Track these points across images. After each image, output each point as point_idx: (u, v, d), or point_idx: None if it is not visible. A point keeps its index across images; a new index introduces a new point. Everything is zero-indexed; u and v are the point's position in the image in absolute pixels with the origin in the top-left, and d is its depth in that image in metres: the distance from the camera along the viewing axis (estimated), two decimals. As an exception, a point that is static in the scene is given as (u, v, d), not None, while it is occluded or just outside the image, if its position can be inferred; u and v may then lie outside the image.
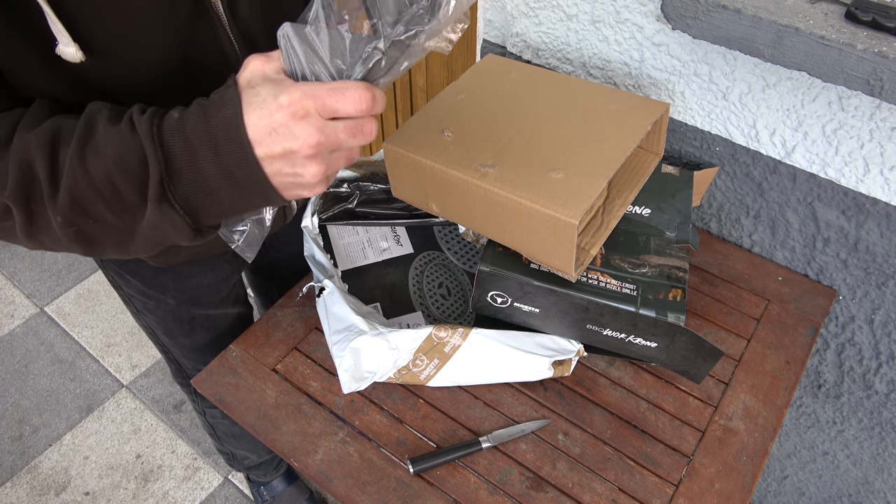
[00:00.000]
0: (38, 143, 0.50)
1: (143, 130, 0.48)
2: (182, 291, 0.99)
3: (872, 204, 0.91)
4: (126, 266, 0.93)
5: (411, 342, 0.82)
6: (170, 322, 1.04)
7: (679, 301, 0.81)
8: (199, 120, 0.48)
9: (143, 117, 0.49)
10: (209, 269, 0.99)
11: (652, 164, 0.94)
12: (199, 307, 1.03)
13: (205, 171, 0.49)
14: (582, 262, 0.82)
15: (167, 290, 0.98)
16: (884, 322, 1.01)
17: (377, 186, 1.05)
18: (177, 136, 0.48)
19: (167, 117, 0.49)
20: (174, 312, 1.02)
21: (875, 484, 1.22)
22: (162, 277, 0.95)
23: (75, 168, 0.49)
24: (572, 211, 0.73)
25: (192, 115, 0.48)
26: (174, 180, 0.49)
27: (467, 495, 0.79)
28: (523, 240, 0.81)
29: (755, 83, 0.90)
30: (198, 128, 0.48)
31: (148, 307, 1.02)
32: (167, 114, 0.50)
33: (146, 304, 1.01)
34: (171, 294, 0.98)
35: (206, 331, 1.08)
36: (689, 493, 0.79)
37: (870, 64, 0.75)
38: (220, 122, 0.47)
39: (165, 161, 0.48)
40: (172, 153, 0.48)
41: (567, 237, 0.75)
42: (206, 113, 0.48)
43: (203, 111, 0.48)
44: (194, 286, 0.99)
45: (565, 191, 0.75)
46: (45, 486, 1.65)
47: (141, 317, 1.06)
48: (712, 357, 0.80)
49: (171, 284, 0.97)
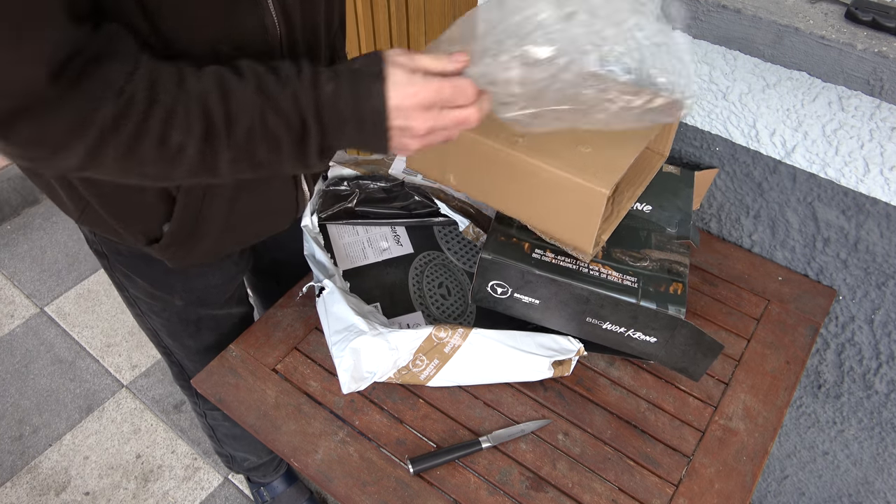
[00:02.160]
0: (208, 88, 0.57)
1: (306, 101, 0.58)
2: (190, 292, 0.99)
3: (872, 204, 0.91)
4: (135, 268, 0.93)
5: (411, 342, 0.82)
6: (175, 324, 1.04)
7: (679, 294, 0.81)
8: (349, 99, 0.59)
9: (303, 86, 0.58)
10: (217, 270, 0.99)
11: (658, 164, 0.94)
12: (206, 308, 1.03)
13: (348, 135, 0.61)
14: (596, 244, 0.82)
15: (175, 291, 0.98)
16: (884, 322, 1.01)
17: (377, 185, 1.05)
18: (331, 112, 0.59)
19: (323, 91, 0.58)
20: (181, 314, 1.02)
21: (875, 484, 1.22)
22: (171, 278, 0.95)
23: (256, 111, 0.58)
24: (603, 181, 0.74)
25: (346, 93, 0.59)
26: (325, 143, 0.61)
27: (467, 495, 0.79)
28: (546, 213, 0.81)
29: (755, 83, 0.90)
30: (350, 108, 0.59)
31: (154, 309, 1.01)
32: (321, 85, 0.59)
33: (152, 306, 1.01)
34: (178, 295, 0.98)
35: (211, 331, 1.07)
36: (689, 493, 0.79)
37: (870, 64, 0.75)
38: (369, 108, 0.59)
39: (322, 132, 0.60)
40: (326, 127, 0.60)
41: (595, 208, 0.75)
42: (357, 93, 0.59)
43: (354, 92, 0.59)
44: (202, 287, 0.99)
45: (595, 162, 0.76)
46: (45, 486, 1.65)
47: (145, 319, 1.05)
48: (712, 352, 0.80)
49: (180, 285, 0.97)
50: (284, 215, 0.92)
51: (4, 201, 2.24)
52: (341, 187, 1.04)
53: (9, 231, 2.23)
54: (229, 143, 0.58)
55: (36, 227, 2.24)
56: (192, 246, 0.83)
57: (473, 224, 1.03)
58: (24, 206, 2.30)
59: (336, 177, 1.03)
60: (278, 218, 0.91)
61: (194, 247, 0.84)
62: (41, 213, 2.28)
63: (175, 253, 0.83)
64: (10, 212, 2.26)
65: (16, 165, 2.36)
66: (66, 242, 2.19)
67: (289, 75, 0.59)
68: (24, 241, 2.20)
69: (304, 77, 0.59)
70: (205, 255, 0.88)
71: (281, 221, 0.92)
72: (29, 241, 2.20)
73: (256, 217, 0.87)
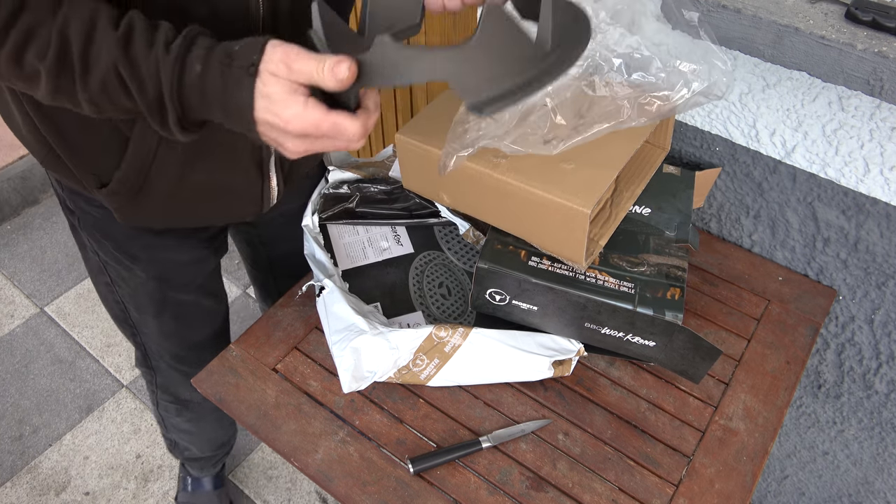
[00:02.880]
0: (77, 26, 0.54)
1: (166, 79, 0.55)
2: (152, 263, 0.97)
3: (872, 204, 0.91)
4: (101, 227, 0.92)
5: (411, 342, 0.82)
6: (142, 297, 1.02)
7: (677, 300, 0.81)
8: (217, 89, 0.55)
9: (167, 59, 0.54)
10: (182, 246, 0.97)
11: (659, 159, 0.94)
12: (171, 288, 1.01)
13: (216, 117, 0.57)
14: (591, 252, 0.83)
15: (138, 260, 0.96)
16: (884, 322, 1.01)
17: (377, 188, 1.05)
18: (195, 90, 0.55)
19: (189, 69, 0.55)
20: (145, 286, 1.00)
21: (875, 484, 1.22)
22: (134, 245, 0.94)
23: (108, 66, 0.55)
24: (584, 200, 0.74)
25: (213, 78, 0.55)
26: (186, 120, 0.58)
27: (467, 495, 0.79)
28: (535, 230, 0.81)
29: (755, 83, 0.90)
30: (216, 91, 0.55)
31: (122, 276, 0.99)
32: (188, 63, 0.55)
33: (119, 272, 0.99)
34: (140, 265, 0.96)
35: (174, 318, 1.06)
36: (689, 493, 0.79)
37: (870, 64, 0.75)
38: (236, 100, 0.54)
39: (181, 107, 0.56)
40: (188, 104, 0.56)
41: (579, 226, 0.75)
42: (225, 84, 0.54)
43: (223, 80, 0.54)
44: (166, 260, 0.98)
45: (577, 181, 0.76)
46: (45, 486, 1.65)
47: (114, 289, 1.03)
48: (710, 356, 0.80)
49: (143, 254, 0.95)
50: (247, 202, 0.89)
51: (4, 201, 2.24)
52: (341, 190, 1.04)
53: (9, 231, 2.23)
54: (84, 85, 0.57)
55: (36, 227, 2.24)
56: (140, 201, 0.82)
57: (473, 227, 1.03)
58: (24, 206, 2.30)
59: (337, 180, 1.03)
60: (238, 203, 0.89)
61: (142, 203, 0.82)
62: (41, 213, 2.29)
63: (121, 203, 0.82)
64: (10, 212, 2.26)
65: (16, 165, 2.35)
66: (66, 242, 2.19)
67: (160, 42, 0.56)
68: (24, 241, 2.20)
69: (172, 49, 0.55)
70: (152, 217, 0.87)
71: (241, 208, 0.90)
72: (29, 241, 2.20)
73: (211, 193, 0.85)
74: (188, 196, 0.83)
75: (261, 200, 0.89)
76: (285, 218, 1.04)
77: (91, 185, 0.81)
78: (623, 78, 0.76)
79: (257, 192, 0.87)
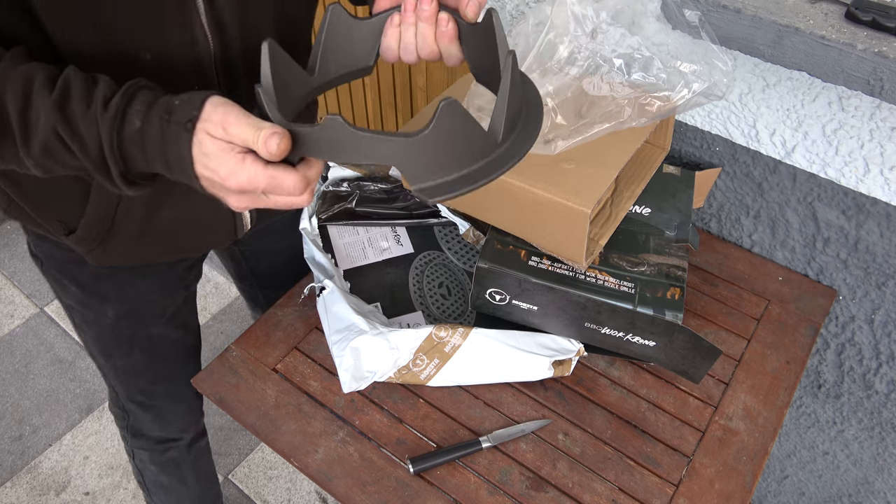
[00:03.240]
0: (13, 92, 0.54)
1: (105, 137, 0.54)
2: (124, 301, 0.93)
3: (872, 204, 0.91)
4: (67, 272, 0.89)
5: (411, 342, 0.82)
6: (107, 339, 0.98)
7: (677, 299, 0.81)
8: (157, 143, 0.54)
9: (105, 116, 0.54)
10: (154, 278, 0.94)
11: (659, 159, 0.94)
12: (141, 323, 0.97)
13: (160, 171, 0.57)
14: (591, 252, 0.83)
15: (108, 301, 0.93)
16: (884, 322, 1.01)
17: (377, 186, 1.05)
18: (136, 146, 0.54)
19: (128, 124, 0.54)
20: (113, 328, 0.96)
21: (875, 484, 1.22)
22: (102, 286, 0.91)
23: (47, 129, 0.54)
24: (584, 200, 0.74)
25: (153, 133, 0.54)
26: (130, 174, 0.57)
27: (467, 495, 0.79)
28: (535, 229, 0.81)
29: (755, 83, 0.90)
30: (155, 146, 0.54)
31: (87, 320, 0.96)
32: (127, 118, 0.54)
33: (85, 315, 0.96)
34: (110, 305, 0.93)
35: (143, 353, 1.01)
36: (689, 493, 0.79)
37: (870, 64, 0.75)
38: (175, 155, 0.54)
39: (124, 162, 0.56)
40: (130, 158, 0.55)
41: (579, 226, 0.75)
42: (164, 138, 0.53)
43: (162, 135, 0.53)
44: (136, 296, 0.94)
45: (577, 180, 0.76)
46: (45, 486, 1.65)
47: (80, 332, 1.00)
48: (710, 356, 0.80)
49: (113, 294, 0.92)
50: (219, 233, 0.87)
51: (4, 201, 2.24)
52: (341, 188, 1.04)
53: (9, 231, 2.23)
54: (27, 151, 0.56)
55: (36, 228, 2.24)
56: (110, 244, 0.80)
57: (473, 227, 1.03)
58: (24, 207, 2.30)
59: (336, 178, 1.03)
60: (211, 234, 0.87)
61: (111, 245, 0.81)
62: (41, 214, 2.28)
63: (91, 248, 0.80)
64: (10, 212, 2.26)
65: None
66: (66, 242, 2.19)
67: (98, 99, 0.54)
68: (24, 241, 2.20)
69: (111, 106, 0.54)
70: (125, 257, 0.84)
71: (215, 238, 0.89)
72: (29, 242, 2.20)
73: (182, 228, 0.84)
74: (159, 233, 0.82)
75: (234, 229, 0.88)
76: (267, 232, 1.01)
77: (58, 231, 0.79)
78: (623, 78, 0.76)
79: (228, 222, 0.86)
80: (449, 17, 0.58)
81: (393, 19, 0.61)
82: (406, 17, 0.60)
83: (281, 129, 0.50)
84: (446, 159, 0.51)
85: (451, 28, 0.59)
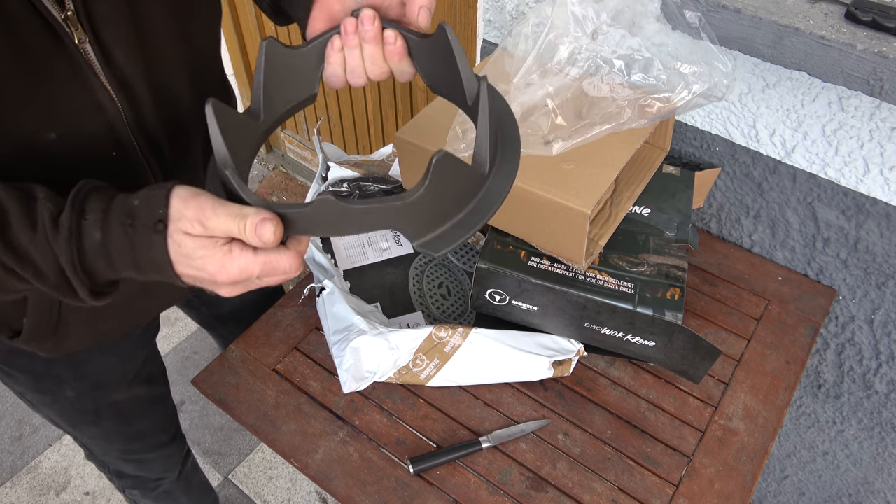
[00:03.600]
0: None
1: (65, 259, 0.48)
2: (81, 379, 0.87)
3: (872, 204, 0.91)
4: (14, 363, 0.82)
5: (411, 342, 0.82)
6: (71, 414, 0.92)
7: (677, 300, 0.81)
8: (126, 251, 0.49)
9: (59, 237, 0.48)
10: (112, 352, 0.89)
11: (658, 159, 0.94)
12: (103, 393, 0.92)
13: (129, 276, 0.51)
14: (591, 252, 0.83)
15: (64, 382, 0.86)
16: (884, 322, 1.01)
17: (377, 186, 1.05)
18: (101, 258, 0.49)
19: (87, 238, 0.48)
20: (74, 404, 0.90)
21: (875, 484, 1.22)
22: (56, 368, 0.84)
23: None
24: (584, 200, 0.74)
25: (117, 241, 0.49)
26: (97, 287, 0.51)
27: (467, 495, 0.79)
28: (535, 230, 0.81)
29: (755, 83, 0.90)
30: (124, 258, 0.49)
31: (44, 402, 0.90)
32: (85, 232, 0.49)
33: (42, 398, 0.89)
34: (68, 385, 0.87)
35: (113, 419, 0.96)
36: (689, 493, 0.79)
37: (870, 64, 0.75)
38: (148, 259, 0.49)
39: (89, 277, 0.50)
40: (95, 271, 0.50)
41: (579, 226, 0.75)
42: (132, 244, 0.48)
43: (129, 242, 0.48)
44: (95, 371, 0.88)
45: (577, 181, 0.76)
46: (45, 486, 1.65)
47: (37, 411, 0.94)
48: (710, 356, 0.80)
49: (69, 374, 0.86)
50: (176, 289, 0.82)
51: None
52: (341, 189, 1.04)
53: None
54: None
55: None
56: (61, 338, 0.74)
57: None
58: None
59: (336, 178, 1.03)
60: (168, 292, 0.83)
61: (63, 339, 0.75)
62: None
63: (41, 346, 0.74)
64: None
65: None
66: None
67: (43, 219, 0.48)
68: None
69: (62, 224, 0.48)
70: (81, 344, 0.79)
71: (172, 296, 0.85)
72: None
73: (137, 297, 0.79)
74: (113, 308, 0.75)
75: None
76: None
77: (2, 334, 0.73)
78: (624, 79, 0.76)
79: None
80: (395, 33, 0.54)
81: (333, 43, 0.55)
82: (348, 41, 0.54)
83: (270, 213, 0.46)
84: (443, 209, 0.49)
85: (401, 45, 0.54)
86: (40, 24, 0.53)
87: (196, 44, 0.68)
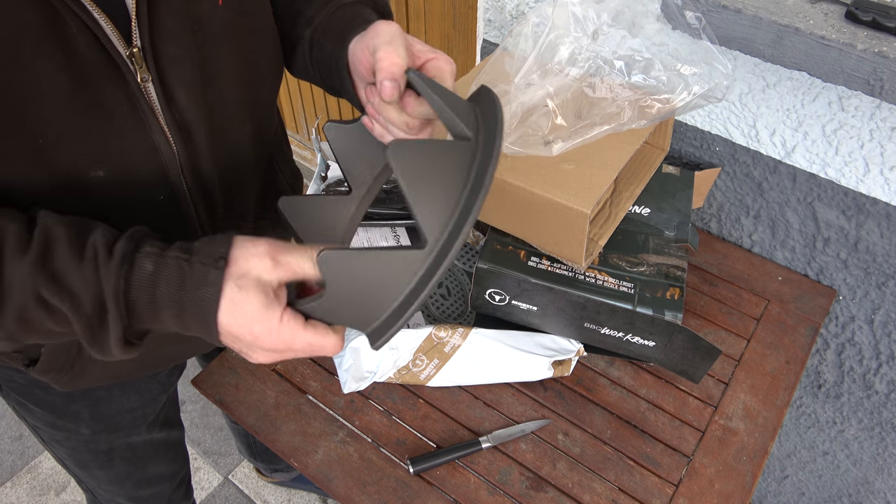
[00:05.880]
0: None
1: (109, 286, 0.46)
2: (98, 420, 0.85)
3: (872, 204, 0.91)
4: (31, 396, 0.80)
5: (411, 342, 0.82)
6: (83, 453, 0.89)
7: (677, 300, 0.81)
8: (173, 287, 0.46)
9: (110, 263, 0.46)
10: (133, 392, 0.86)
11: (658, 159, 0.94)
12: (119, 435, 0.89)
13: (163, 321, 0.48)
14: (591, 252, 0.83)
15: (80, 420, 0.84)
16: (884, 322, 1.01)
17: (377, 186, 1.05)
18: (145, 291, 0.47)
19: (138, 268, 0.46)
20: (88, 443, 0.87)
21: (875, 484, 1.22)
22: (75, 405, 0.82)
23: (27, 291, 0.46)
24: (584, 200, 0.74)
25: (169, 274, 0.46)
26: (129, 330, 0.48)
27: (467, 495, 0.79)
28: (534, 229, 0.81)
29: (755, 83, 0.90)
30: (171, 294, 0.47)
31: (56, 438, 0.87)
32: (137, 262, 0.47)
33: (54, 435, 0.86)
34: (84, 423, 0.84)
35: (126, 462, 0.93)
36: (689, 493, 0.79)
37: (870, 64, 0.75)
38: (195, 299, 0.46)
39: (129, 314, 0.47)
40: (136, 307, 0.47)
41: (578, 226, 0.76)
42: (184, 281, 0.46)
43: (181, 278, 0.46)
44: (114, 412, 0.86)
45: (577, 181, 0.76)
46: (45, 486, 1.65)
47: (49, 447, 0.91)
48: (710, 356, 0.80)
49: (86, 412, 0.83)
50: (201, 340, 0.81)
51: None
52: (341, 188, 1.04)
53: None
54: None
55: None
56: (78, 372, 0.72)
57: (473, 227, 1.03)
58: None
59: (336, 177, 1.03)
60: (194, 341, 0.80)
61: (81, 373, 0.72)
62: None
63: (57, 378, 0.72)
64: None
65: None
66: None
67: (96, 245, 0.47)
68: None
69: (117, 250, 0.47)
70: (99, 380, 0.76)
71: (198, 345, 0.81)
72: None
73: (164, 340, 0.75)
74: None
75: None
76: None
77: (19, 363, 0.70)
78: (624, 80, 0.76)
79: None
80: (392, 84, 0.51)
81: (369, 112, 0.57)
82: (371, 112, 0.56)
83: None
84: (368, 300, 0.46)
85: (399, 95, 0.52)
86: (104, 59, 0.51)
87: (259, 91, 0.66)
